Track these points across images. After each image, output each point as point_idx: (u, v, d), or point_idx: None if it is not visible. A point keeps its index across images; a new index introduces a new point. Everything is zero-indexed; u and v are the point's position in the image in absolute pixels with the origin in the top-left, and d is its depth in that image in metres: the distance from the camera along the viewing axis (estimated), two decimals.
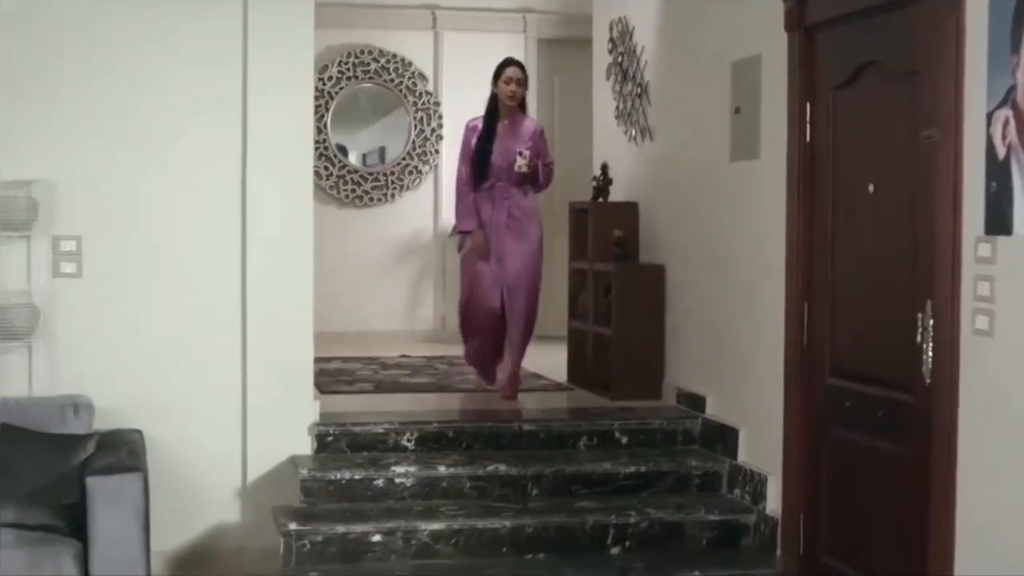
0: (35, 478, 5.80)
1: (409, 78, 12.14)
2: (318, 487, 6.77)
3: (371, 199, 12.11)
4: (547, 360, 9.44)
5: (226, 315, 7.01)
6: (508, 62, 8.46)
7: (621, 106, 9.04)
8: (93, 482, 5.52)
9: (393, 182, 12.18)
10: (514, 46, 12.09)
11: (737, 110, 7.12)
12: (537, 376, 9.18)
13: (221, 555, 6.92)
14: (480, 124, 8.43)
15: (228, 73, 6.99)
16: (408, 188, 12.21)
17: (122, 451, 5.99)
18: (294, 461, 6.96)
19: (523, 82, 8.39)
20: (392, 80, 12.11)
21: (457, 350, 9.30)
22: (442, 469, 6.90)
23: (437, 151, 12.21)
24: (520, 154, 8.22)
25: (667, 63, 8.33)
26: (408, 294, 12.24)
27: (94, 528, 5.47)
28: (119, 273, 6.90)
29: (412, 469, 6.89)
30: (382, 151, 12.41)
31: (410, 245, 12.20)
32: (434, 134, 12.20)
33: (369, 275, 12.04)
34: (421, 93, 12.18)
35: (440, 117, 12.17)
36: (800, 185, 6.44)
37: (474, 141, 8.37)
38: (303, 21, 7.11)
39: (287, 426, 7.06)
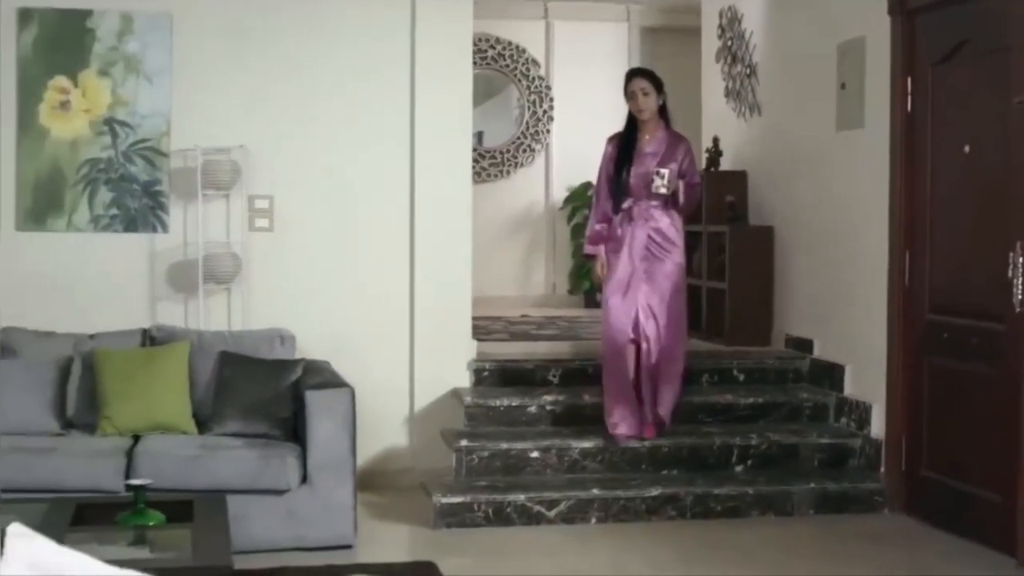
0: (254, 396, 6.83)
1: (523, 64, 13.15)
2: (480, 413, 7.81)
3: (488, 175, 13.12)
4: None
5: (396, 265, 8.04)
6: (631, 74, 7.88)
7: (730, 85, 10.02)
8: (311, 395, 6.55)
9: (508, 160, 13.19)
10: (618, 34, 13.13)
11: (843, 86, 8.07)
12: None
13: (391, 475, 7.93)
14: (617, 142, 7.78)
15: (398, 59, 8.02)
16: (522, 165, 13.22)
17: (327, 373, 7.04)
18: (456, 392, 7.99)
19: (652, 92, 7.61)
20: (507, 66, 13.12)
21: (569, 311, 10.18)
22: (586, 398, 7.89)
23: (548, 131, 13.21)
24: (657, 174, 7.47)
25: (775, 46, 9.30)
26: (521, 262, 13.24)
27: (311, 434, 6.49)
28: (305, 228, 7.95)
29: (560, 398, 7.91)
30: (479, 135, 13.35)
31: (523, 217, 13.20)
32: (545, 115, 13.19)
33: (486, 245, 13.01)
34: (534, 78, 13.18)
35: (551, 100, 13.16)
36: (901, 149, 7.41)
37: (610, 160, 7.73)
38: (463, 13, 8.16)
39: (449, 362, 8.08)
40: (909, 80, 7.39)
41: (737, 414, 8.06)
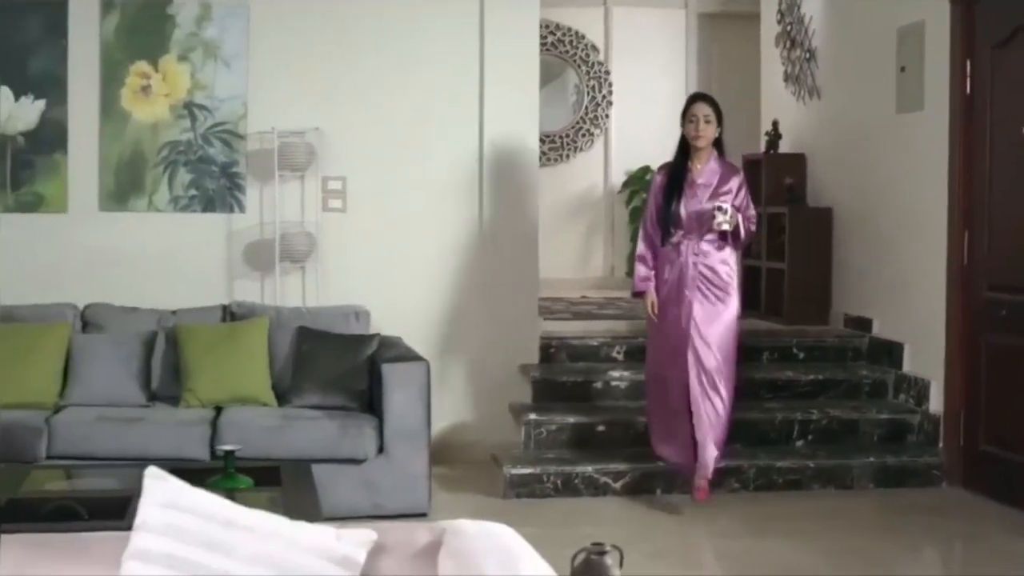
0: (332, 369, 7.07)
1: (582, 50, 13.32)
2: (547, 388, 8.03)
3: (547, 159, 13.30)
4: None
5: (466, 243, 8.26)
6: (694, 98, 7.34)
7: (789, 70, 10.18)
8: (388, 368, 6.79)
9: (567, 144, 13.37)
10: (676, 20, 13.26)
11: (902, 69, 8.23)
12: None
13: (461, 448, 8.15)
14: (667, 171, 7.26)
15: (467, 44, 8.23)
16: (581, 149, 13.38)
17: (401, 347, 7.28)
18: (524, 368, 8.21)
19: (713, 120, 7.11)
20: (567, 51, 13.29)
21: (627, 293, 10.30)
22: None
23: (607, 116, 13.38)
24: (719, 208, 6.93)
25: (835, 31, 9.45)
26: (580, 245, 13.41)
27: (388, 405, 6.73)
28: (377, 208, 8.18)
29: (625, 374, 8.12)
30: None
31: (582, 201, 13.37)
32: (604, 100, 13.35)
33: (546, 228, 13.13)
34: (593, 63, 13.35)
35: (610, 85, 13.32)
36: (960, 131, 7.59)
37: (659, 189, 7.19)
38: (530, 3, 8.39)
39: (517, 339, 8.30)
40: (968, 63, 7.55)
41: (798, 390, 8.25)
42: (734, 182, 7.16)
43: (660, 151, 12.78)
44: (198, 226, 8.03)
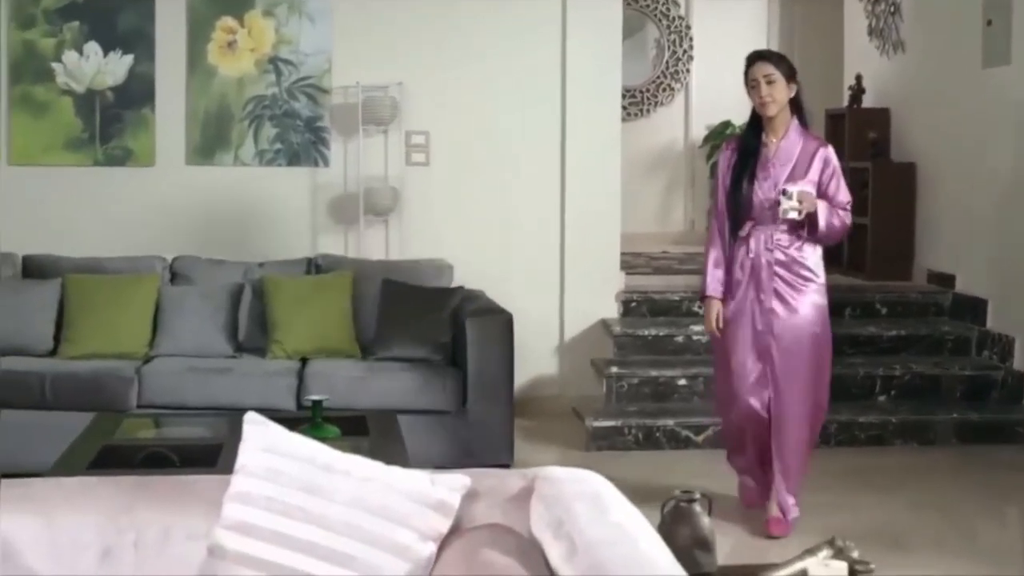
0: (415, 322, 7.13)
1: (663, 3, 13.26)
2: (628, 342, 8.06)
3: (628, 114, 13.26)
4: None
5: (548, 198, 8.29)
6: (751, 59, 5.99)
7: (873, 23, 10.09)
8: (471, 322, 6.85)
9: (647, 99, 13.34)
10: None
11: (989, 22, 8.14)
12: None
13: (542, 401, 8.21)
14: (736, 145, 6.06)
15: (549, 2, 8.23)
16: (661, 104, 13.35)
17: (484, 301, 7.33)
18: (605, 322, 8.25)
19: (779, 79, 5.82)
20: (647, 5, 13.24)
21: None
22: None
23: (688, 70, 13.33)
24: (784, 193, 5.70)
25: None
26: (660, 200, 13.41)
27: (471, 358, 6.79)
28: (459, 162, 8.23)
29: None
30: None
31: (663, 156, 13.35)
32: (685, 54, 13.30)
33: (626, 183, 13.09)
34: (673, 17, 13.30)
35: (691, 39, 13.27)
36: None
37: (728, 169, 5.98)
38: None
39: (598, 293, 8.34)
40: None
41: (880, 346, 8.22)
42: (819, 158, 5.85)
43: (741, 106, 12.81)
44: (283, 180, 8.12)
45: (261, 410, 3.14)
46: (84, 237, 7.84)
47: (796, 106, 5.92)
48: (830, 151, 5.93)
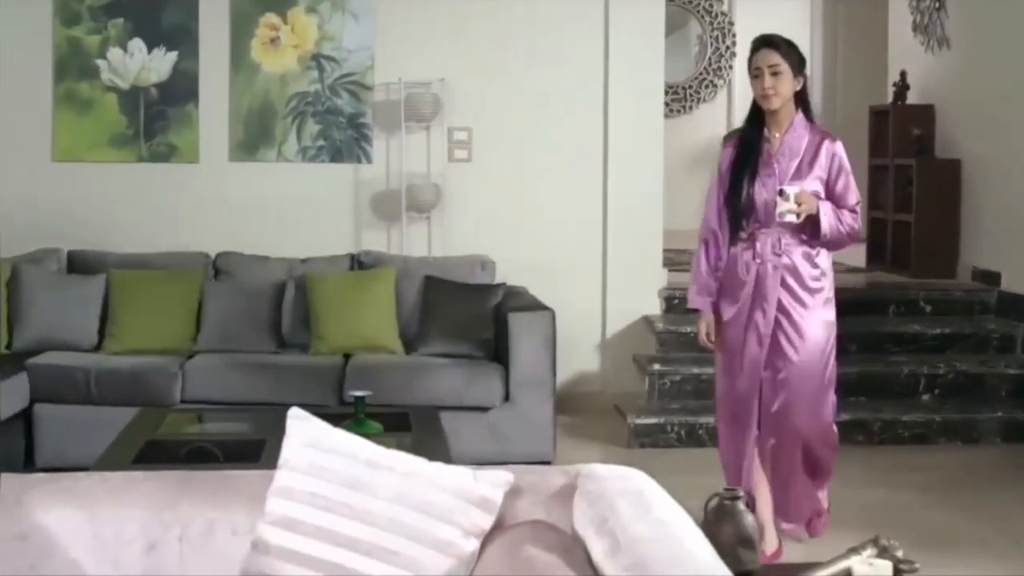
0: (458, 318, 7.14)
1: (705, 0, 13.22)
2: (671, 339, 8.04)
3: (670, 110, 13.23)
4: (839, 253, 10.50)
5: (590, 195, 8.28)
6: (756, 45, 5.39)
7: (918, 19, 10.02)
8: (514, 317, 6.85)
9: (690, 95, 13.31)
10: None
11: None
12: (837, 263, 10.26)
13: (584, 398, 8.20)
14: (735, 142, 5.52)
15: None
16: (704, 100, 13.33)
17: (527, 297, 7.33)
18: (647, 319, 8.23)
19: (785, 71, 5.28)
20: (690, 1, 13.21)
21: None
22: None
23: (731, 67, 13.29)
24: (781, 193, 5.20)
25: None
26: (703, 196, 13.28)
27: (514, 354, 6.79)
28: (501, 159, 8.23)
29: None
30: None
31: (705, 152, 13.29)
32: (728, 51, 13.27)
33: (667, 179, 13.07)
34: (716, 13, 13.26)
35: (734, 36, 13.22)
36: None
37: (729, 167, 5.45)
38: None
39: (640, 289, 8.32)
40: None
41: (924, 344, 8.16)
42: (824, 155, 5.37)
43: None
44: (326, 176, 8.13)
45: (303, 406, 3.15)
46: (128, 233, 7.89)
47: (801, 100, 5.40)
48: (838, 146, 5.41)
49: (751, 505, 3.51)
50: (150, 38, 7.99)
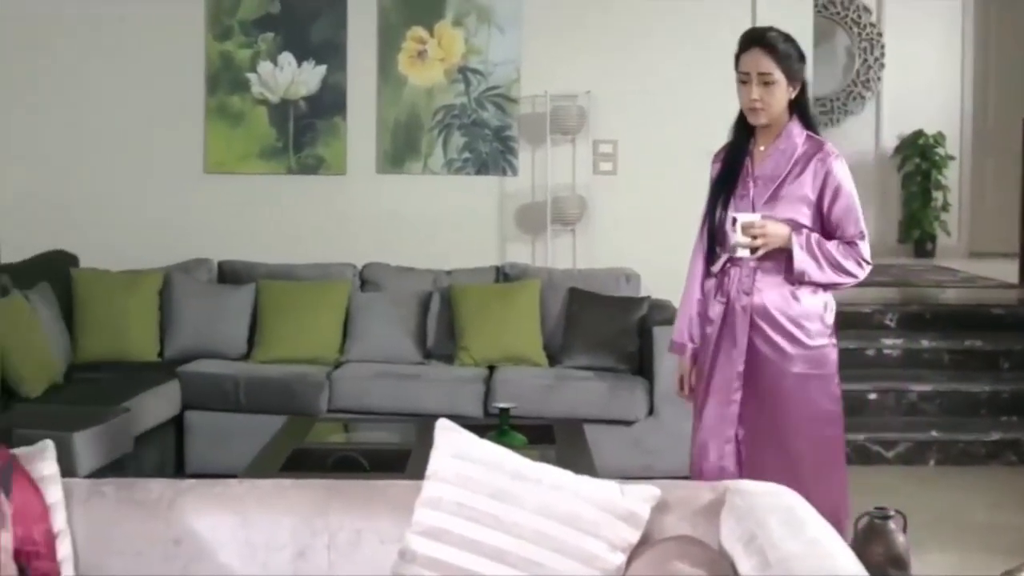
0: (602, 331, 7.13)
1: (853, 11, 13.04)
2: None
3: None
4: (991, 268, 10.34)
5: None
6: (746, 42, 4.54)
7: None
8: (659, 331, 6.78)
9: (837, 107, 13.13)
10: None
11: None
12: (982, 277, 10.10)
13: None
14: (724, 156, 4.71)
15: (738, 10, 8.11)
16: (852, 113, 13.13)
17: (671, 310, 7.25)
18: None
19: (778, 79, 4.39)
20: (837, 13, 13.04)
21: (898, 260, 10.06)
22: (924, 343, 7.94)
23: (879, 78, 13.08)
24: (733, 223, 4.37)
25: None
26: None
27: (658, 367, 6.74)
28: (647, 171, 8.18)
29: (897, 342, 7.98)
30: None
31: (853, 165, 12.69)
32: (876, 62, 13.06)
33: None
34: (865, 24, 13.07)
35: (882, 47, 13.02)
36: None
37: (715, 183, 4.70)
38: None
39: None
40: None
41: None
42: (818, 169, 4.38)
43: (935, 114, 12.61)
44: (471, 189, 8.17)
45: (448, 417, 3.17)
46: (277, 243, 8.00)
47: (798, 105, 4.47)
48: (835, 162, 4.40)
49: (904, 525, 3.43)
50: (299, 52, 8.10)
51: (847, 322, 8.19)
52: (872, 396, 7.60)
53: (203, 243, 7.91)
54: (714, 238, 4.52)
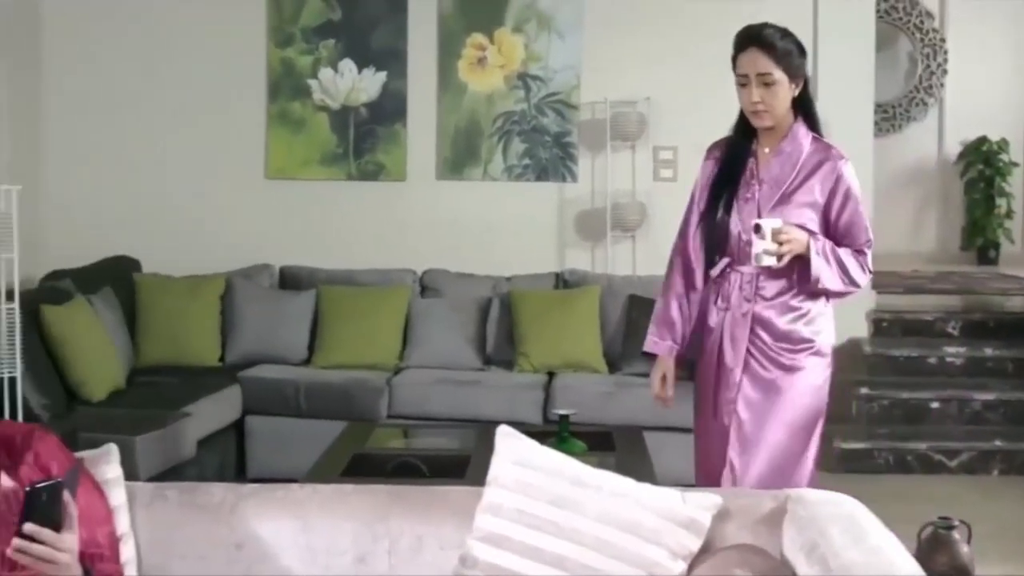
0: None
1: (916, 16, 12.94)
2: (880, 362, 7.90)
3: (879, 129, 12.96)
4: None
5: None
6: (742, 41, 4.41)
7: None
8: None
9: (899, 114, 13.03)
10: None
11: None
12: None
13: None
14: (719, 155, 4.57)
15: (800, 16, 8.03)
16: (914, 119, 13.02)
17: None
18: (855, 341, 8.07)
19: (779, 80, 4.26)
20: (900, 19, 12.94)
21: (960, 268, 9.96)
22: (988, 351, 7.87)
23: (942, 85, 12.97)
24: (756, 229, 4.10)
25: None
26: (911, 217, 13.06)
27: None
28: None
29: (960, 350, 7.91)
30: None
31: (915, 172, 13.00)
32: (939, 68, 12.95)
33: (877, 199, 12.90)
34: (927, 30, 12.96)
35: (945, 52, 12.91)
36: None
37: (706, 185, 4.55)
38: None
39: (848, 312, 8.06)
40: None
41: None
42: (828, 175, 4.26)
43: (998, 121, 12.49)
44: (531, 195, 8.17)
45: (507, 423, 3.17)
46: (338, 249, 8.04)
47: (802, 104, 4.34)
48: (845, 166, 4.28)
49: (968, 535, 3.39)
50: (360, 59, 8.14)
51: (909, 329, 8.18)
52: (935, 405, 7.54)
53: (264, 249, 7.97)
54: (712, 240, 4.35)
